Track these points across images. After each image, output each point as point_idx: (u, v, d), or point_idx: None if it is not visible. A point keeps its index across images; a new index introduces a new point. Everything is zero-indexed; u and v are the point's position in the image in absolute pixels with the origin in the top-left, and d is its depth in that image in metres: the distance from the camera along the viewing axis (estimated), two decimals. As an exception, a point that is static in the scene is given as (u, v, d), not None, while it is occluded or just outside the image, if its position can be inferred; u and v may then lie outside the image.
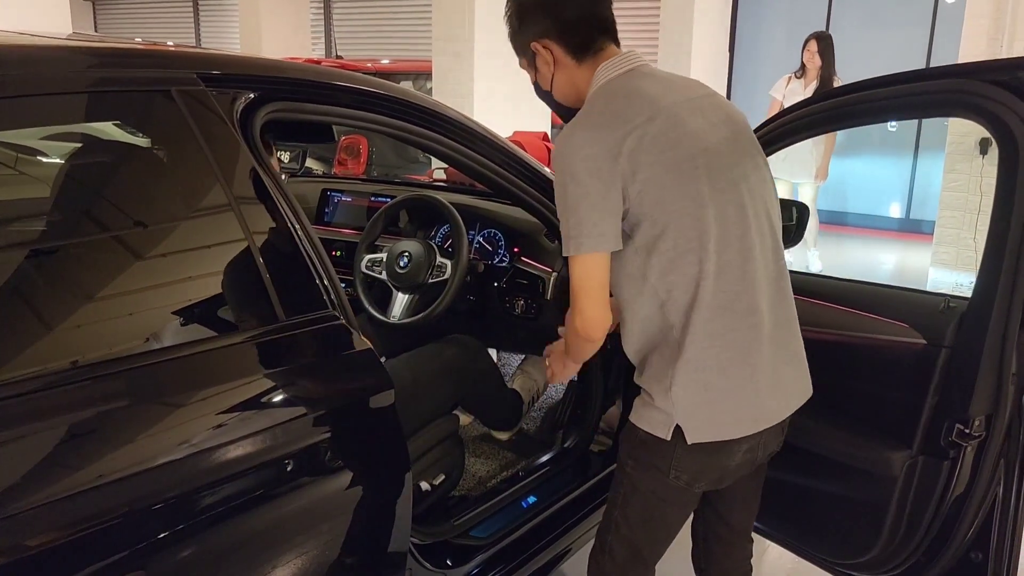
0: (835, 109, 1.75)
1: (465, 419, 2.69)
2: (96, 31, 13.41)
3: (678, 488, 1.54)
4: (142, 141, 1.45)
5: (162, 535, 1.17)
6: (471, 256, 2.33)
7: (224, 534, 1.26)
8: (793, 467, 1.86)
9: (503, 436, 2.72)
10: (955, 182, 4.05)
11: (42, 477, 1.08)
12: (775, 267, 1.53)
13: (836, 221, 7.82)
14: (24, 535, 1.03)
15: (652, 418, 1.51)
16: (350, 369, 1.52)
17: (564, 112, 1.63)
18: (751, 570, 1.82)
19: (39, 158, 1.39)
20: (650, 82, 1.48)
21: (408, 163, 6.42)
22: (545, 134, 4.65)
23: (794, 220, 2.18)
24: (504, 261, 2.39)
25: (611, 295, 1.51)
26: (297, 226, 1.52)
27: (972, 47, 4.24)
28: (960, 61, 4.40)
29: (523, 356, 2.92)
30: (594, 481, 2.35)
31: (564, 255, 1.46)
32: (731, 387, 1.47)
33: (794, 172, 5.65)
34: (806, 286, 1.91)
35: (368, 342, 1.57)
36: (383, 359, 1.59)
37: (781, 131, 1.86)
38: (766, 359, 1.48)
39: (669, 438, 1.48)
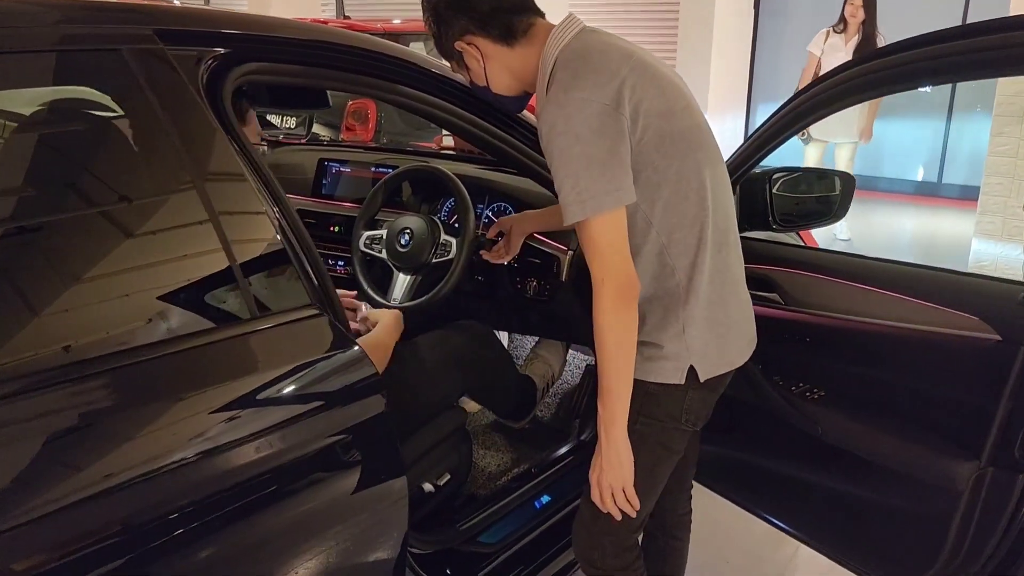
0: (902, 66, 1.50)
1: (472, 407, 2.49)
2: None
3: (685, 432, 1.57)
4: (86, 112, 1.24)
5: (126, 558, 1.00)
6: (478, 232, 2.11)
7: (191, 558, 1.08)
8: (840, 473, 1.66)
9: (515, 425, 2.54)
10: (1003, 146, 3.77)
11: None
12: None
13: (864, 186, 7.51)
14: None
15: (662, 368, 1.49)
16: (333, 373, 1.32)
17: (508, 102, 1.62)
18: (691, 510, 1.92)
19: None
20: (605, 37, 1.47)
21: (419, 129, 6.18)
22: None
23: (838, 190, 1.96)
24: None
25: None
26: (275, 208, 1.32)
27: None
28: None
29: (536, 339, 2.71)
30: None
31: (572, 221, 1.37)
32: (732, 318, 1.54)
33: (832, 131, 5.41)
34: (853, 268, 1.69)
35: (356, 342, 1.37)
36: None
37: (839, 90, 1.61)
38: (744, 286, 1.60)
39: (683, 382, 1.49)
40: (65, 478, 0.99)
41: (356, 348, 1.33)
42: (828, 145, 5.52)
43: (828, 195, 1.96)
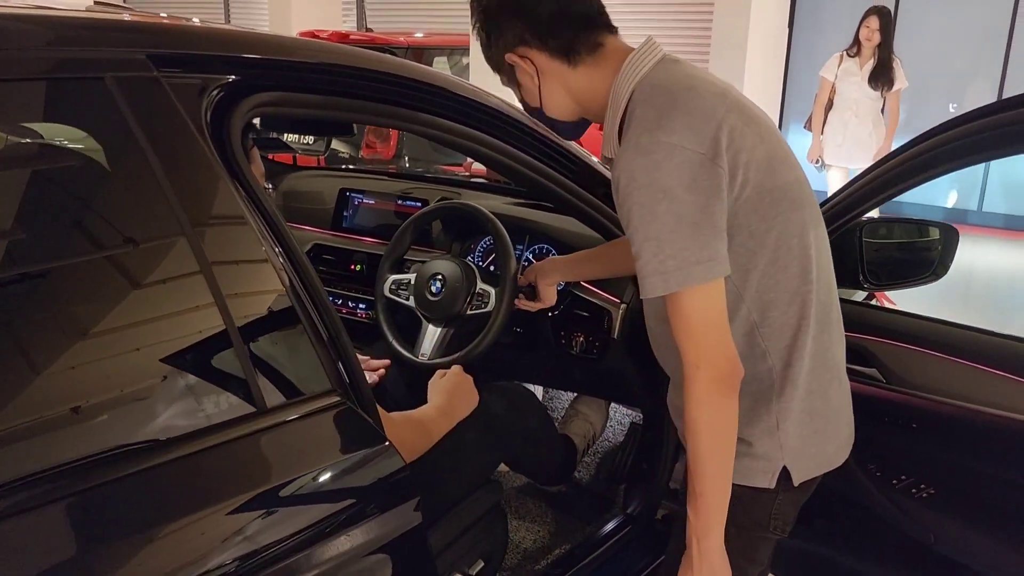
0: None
1: (502, 468, 2.23)
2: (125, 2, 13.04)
3: (770, 541, 1.36)
4: (57, 153, 1.00)
5: None
6: (519, 281, 1.86)
7: None
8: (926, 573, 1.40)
9: (551, 489, 2.28)
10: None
11: None
12: None
13: (891, 210, 7.24)
14: None
15: (749, 469, 1.27)
16: (361, 476, 1.07)
17: (563, 128, 1.37)
18: None
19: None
20: (691, 70, 1.23)
21: (442, 151, 5.97)
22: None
23: (940, 245, 1.69)
24: (560, 286, 1.91)
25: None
26: (290, 274, 1.07)
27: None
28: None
29: (575, 394, 2.45)
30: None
31: (653, 294, 1.14)
32: (832, 409, 1.32)
33: (852, 156, 5.25)
34: (978, 345, 1.43)
35: (387, 438, 1.12)
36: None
37: (932, 156, 1.37)
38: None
39: (774, 486, 1.28)
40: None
41: (388, 444, 1.09)
42: (849, 171, 5.28)
43: (927, 248, 1.70)
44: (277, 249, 1.07)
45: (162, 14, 1.26)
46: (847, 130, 5.23)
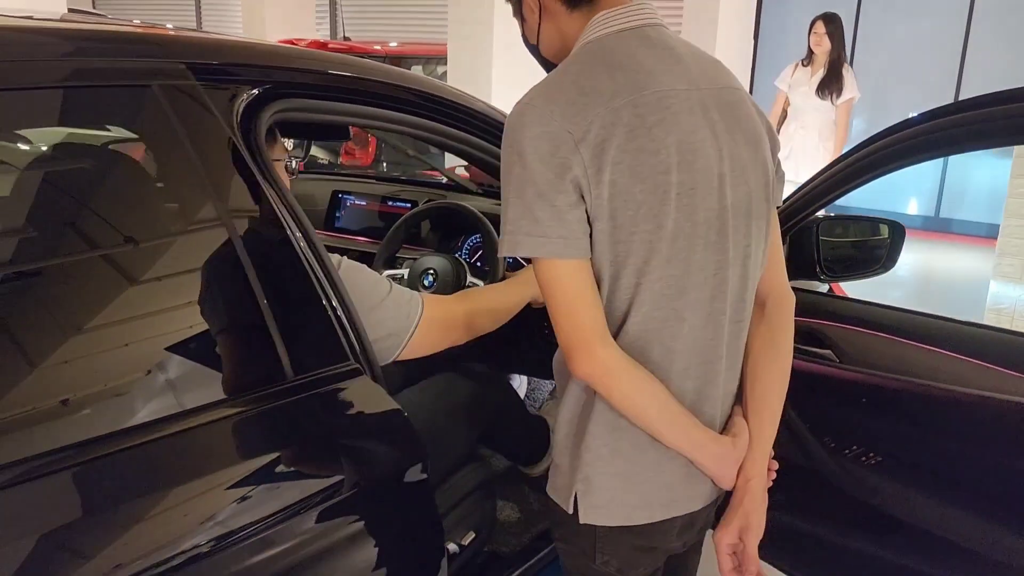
0: (980, 123, 1.42)
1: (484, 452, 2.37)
2: (94, 8, 12.99)
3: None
4: (114, 151, 1.13)
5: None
6: (507, 274, 2.01)
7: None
8: (906, 549, 1.56)
9: (533, 472, 2.42)
10: (1023, 187, 3.74)
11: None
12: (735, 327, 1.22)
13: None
14: None
15: (555, 480, 1.24)
16: (377, 438, 1.21)
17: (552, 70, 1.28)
18: None
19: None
20: (650, 51, 1.12)
21: (419, 154, 6.09)
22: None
23: (889, 240, 1.87)
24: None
25: None
26: (312, 257, 1.21)
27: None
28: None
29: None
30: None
31: (500, 255, 1.17)
32: (645, 460, 1.18)
33: (797, 169, 5.02)
34: (926, 329, 1.60)
35: (394, 401, 1.27)
36: None
37: (890, 152, 1.53)
38: None
39: (571, 511, 1.20)
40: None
41: (394, 407, 1.23)
42: (798, 186, 5.28)
43: (877, 244, 1.87)
44: (298, 234, 1.21)
45: (135, 20, 1.36)
46: (792, 142, 5.10)
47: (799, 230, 1.76)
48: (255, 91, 1.24)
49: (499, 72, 5.13)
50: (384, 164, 5.69)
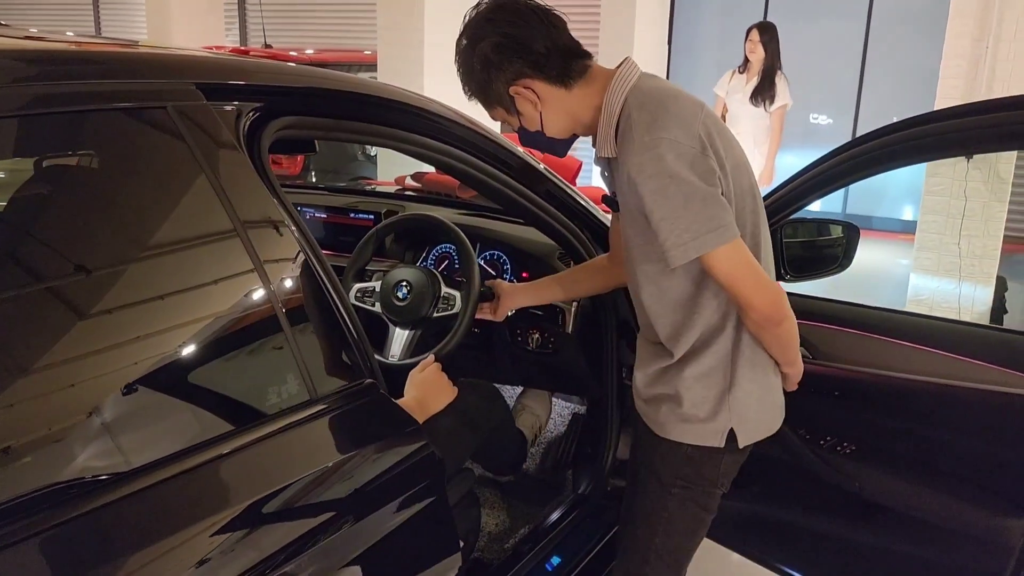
0: (922, 139, 1.53)
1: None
2: (-19, 12, 12.29)
3: (717, 496, 1.57)
4: (133, 176, 1.10)
5: None
6: (483, 285, 2.03)
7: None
8: (886, 530, 1.66)
9: (502, 479, 2.45)
10: (938, 186, 3.97)
11: None
12: None
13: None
14: None
15: (702, 431, 1.48)
16: (400, 452, 1.22)
17: (559, 145, 1.56)
18: None
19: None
20: (668, 83, 1.48)
21: (348, 163, 6.04)
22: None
23: (844, 241, 1.98)
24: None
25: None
26: (320, 270, 1.22)
27: (955, 46, 4.16)
28: (944, 61, 4.31)
29: (520, 389, 2.63)
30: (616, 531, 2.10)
31: (675, 264, 1.33)
32: (771, 383, 1.52)
33: None
34: (891, 324, 1.71)
35: (410, 414, 1.29)
36: None
37: (855, 163, 1.64)
38: None
39: (723, 446, 1.48)
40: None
41: (410, 419, 1.25)
42: None
43: (833, 244, 1.98)
44: (307, 249, 1.21)
45: (32, 29, 1.31)
46: None
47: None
48: (258, 108, 1.24)
49: (431, 80, 5.14)
50: (312, 174, 5.62)
